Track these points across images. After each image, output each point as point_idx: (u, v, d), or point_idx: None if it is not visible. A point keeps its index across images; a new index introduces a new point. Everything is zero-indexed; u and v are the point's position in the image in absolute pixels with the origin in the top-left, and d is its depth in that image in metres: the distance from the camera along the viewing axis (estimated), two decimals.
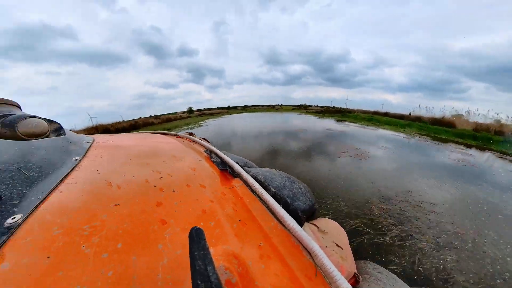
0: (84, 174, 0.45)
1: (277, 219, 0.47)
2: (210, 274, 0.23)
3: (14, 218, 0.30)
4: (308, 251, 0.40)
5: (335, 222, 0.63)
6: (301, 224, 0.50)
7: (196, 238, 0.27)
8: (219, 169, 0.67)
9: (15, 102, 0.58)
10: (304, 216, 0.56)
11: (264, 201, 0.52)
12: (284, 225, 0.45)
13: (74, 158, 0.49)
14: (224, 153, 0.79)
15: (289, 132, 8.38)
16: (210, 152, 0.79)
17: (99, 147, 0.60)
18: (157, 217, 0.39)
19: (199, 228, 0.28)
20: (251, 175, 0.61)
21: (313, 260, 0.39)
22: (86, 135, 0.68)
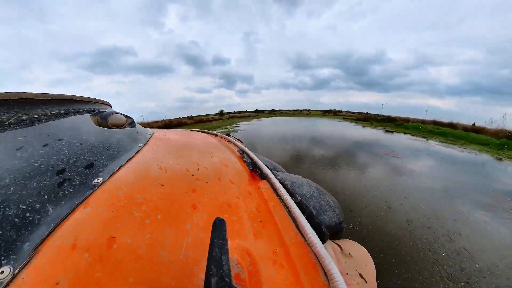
0: (143, 157, 0.57)
1: (298, 229, 0.45)
2: (224, 262, 0.25)
3: (98, 180, 0.43)
4: (325, 272, 0.37)
5: (364, 248, 0.56)
6: (323, 241, 0.46)
7: (219, 227, 0.30)
8: (249, 169, 0.70)
9: (107, 102, 0.79)
10: (328, 233, 0.51)
11: (287, 208, 0.50)
12: (304, 237, 0.43)
13: (139, 145, 0.62)
14: (256, 155, 0.82)
15: (337, 143, 7.72)
16: (242, 152, 0.84)
17: (156, 138, 0.73)
18: (190, 201, 0.45)
19: (223, 220, 0.30)
20: (278, 179, 0.60)
21: (329, 283, 0.36)
22: (149, 128, 0.85)
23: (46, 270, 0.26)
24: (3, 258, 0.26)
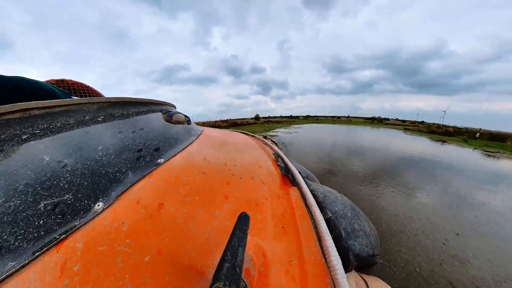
0: (193, 149, 0.67)
1: (321, 247, 0.42)
2: (239, 254, 0.27)
3: (160, 160, 0.54)
4: None
5: None
6: (346, 269, 0.41)
7: (243, 220, 0.32)
8: (281, 173, 0.71)
9: (173, 104, 0.99)
10: (355, 263, 0.45)
11: (314, 221, 0.47)
12: (325, 258, 0.39)
13: (191, 138, 0.73)
14: (290, 160, 0.81)
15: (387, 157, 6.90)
16: (277, 156, 0.86)
17: (205, 134, 0.84)
18: (223, 191, 0.50)
19: (247, 215, 0.32)
20: (310, 189, 0.59)
21: None
22: (201, 126, 1.00)
23: (119, 211, 0.38)
24: (100, 197, 0.40)
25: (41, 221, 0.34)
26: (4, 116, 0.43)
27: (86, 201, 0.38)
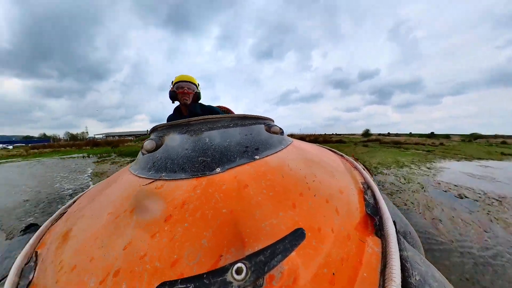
0: (281, 155, 0.77)
1: None
2: (276, 259, 0.30)
3: (256, 157, 0.70)
4: None
5: None
6: None
7: (295, 235, 0.33)
8: (366, 211, 0.57)
9: (272, 118, 1.15)
10: None
11: None
12: None
13: (282, 146, 0.84)
14: (384, 198, 0.65)
15: None
16: (367, 187, 0.70)
17: (293, 145, 0.93)
18: (293, 199, 0.53)
19: (304, 234, 0.34)
20: (401, 255, 0.42)
21: None
22: (291, 138, 1.09)
23: (225, 178, 0.57)
24: (220, 165, 0.63)
25: (196, 165, 0.64)
26: (201, 121, 0.80)
27: (213, 165, 0.63)
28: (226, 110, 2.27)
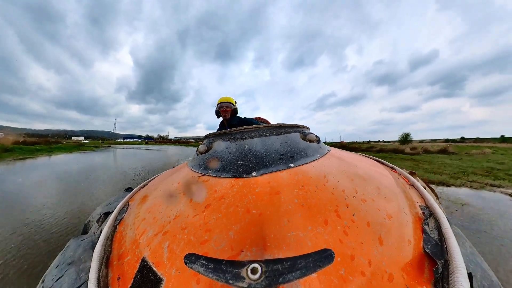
0: (317, 164, 0.75)
1: None
2: (292, 276, 0.29)
3: (291, 165, 0.71)
4: None
5: None
6: None
7: (322, 256, 0.29)
8: (423, 247, 0.43)
9: (308, 126, 1.14)
10: None
11: None
12: None
13: (318, 155, 0.82)
14: (456, 235, 0.47)
15: None
16: (429, 214, 0.52)
17: (331, 154, 0.87)
18: (326, 215, 0.47)
19: (333, 257, 0.30)
20: None
21: None
22: (329, 146, 1.04)
23: (260, 181, 0.61)
24: (256, 170, 0.67)
25: (236, 167, 0.72)
26: (241, 131, 0.91)
27: (250, 169, 0.69)
28: (263, 121, 2.43)
